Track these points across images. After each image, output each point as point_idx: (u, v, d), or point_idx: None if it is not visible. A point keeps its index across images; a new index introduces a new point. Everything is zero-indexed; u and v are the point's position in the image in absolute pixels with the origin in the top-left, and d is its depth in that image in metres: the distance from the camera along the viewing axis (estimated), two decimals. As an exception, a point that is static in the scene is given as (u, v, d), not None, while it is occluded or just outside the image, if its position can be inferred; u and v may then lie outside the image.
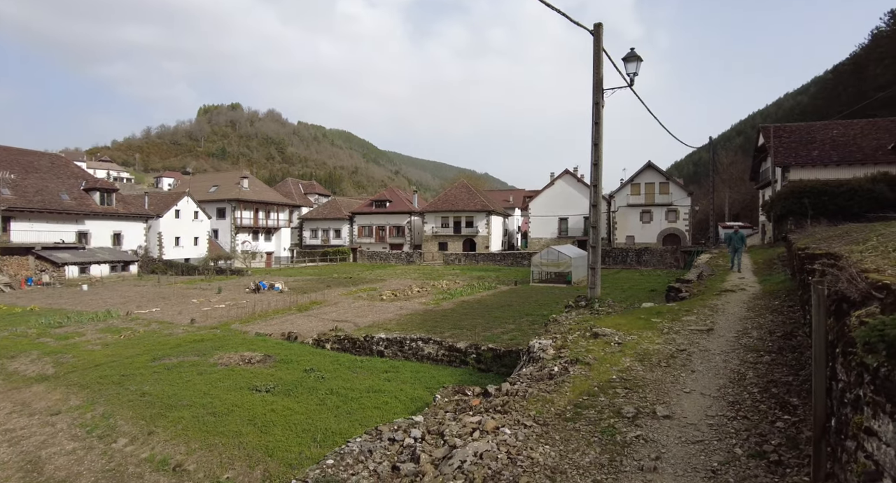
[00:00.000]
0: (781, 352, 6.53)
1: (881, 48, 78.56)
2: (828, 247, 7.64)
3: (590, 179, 12.71)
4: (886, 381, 1.93)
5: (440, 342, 14.90)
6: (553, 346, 7.54)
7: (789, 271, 16.22)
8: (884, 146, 34.27)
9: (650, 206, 53.26)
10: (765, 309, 9.84)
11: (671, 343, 7.24)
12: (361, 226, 66.76)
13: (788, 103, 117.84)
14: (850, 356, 2.35)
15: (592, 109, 12.43)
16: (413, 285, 32.67)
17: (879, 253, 4.51)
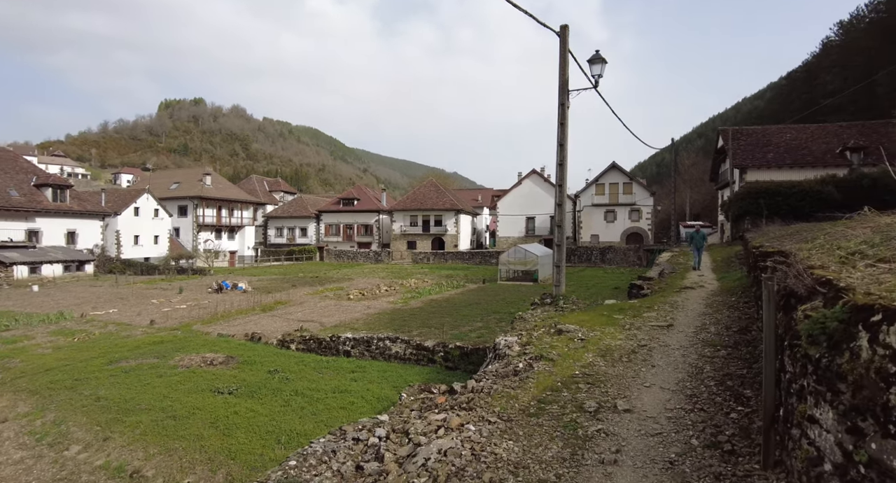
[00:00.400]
0: (737, 346, 6.76)
1: (831, 57, 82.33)
2: (780, 245, 7.97)
3: (555, 179, 12.88)
4: (827, 371, 2.02)
5: (408, 341, 14.86)
6: (518, 343, 7.61)
7: (746, 269, 16.85)
8: (832, 150, 35.94)
9: (614, 206, 54.41)
10: (722, 305, 10.17)
11: (632, 339, 7.41)
12: (328, 224, 65.96)
13: (746, 107, 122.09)
14: (796, 348, 2.45)
15: (558, 110, 12.60)
16: (381, 284, 32.48)
17: (825, 250, 4.71)
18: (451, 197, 60.84)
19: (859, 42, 76.01)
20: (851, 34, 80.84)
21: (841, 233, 6.10)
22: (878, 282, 2.82)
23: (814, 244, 6.00)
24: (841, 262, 3.60)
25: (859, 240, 4.64)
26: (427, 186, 64.12)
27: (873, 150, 34.01)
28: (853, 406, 1.80)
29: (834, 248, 4.75)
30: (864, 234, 4.79)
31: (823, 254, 4.53)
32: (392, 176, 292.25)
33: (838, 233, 5.96)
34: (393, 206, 62.50)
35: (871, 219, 6.27)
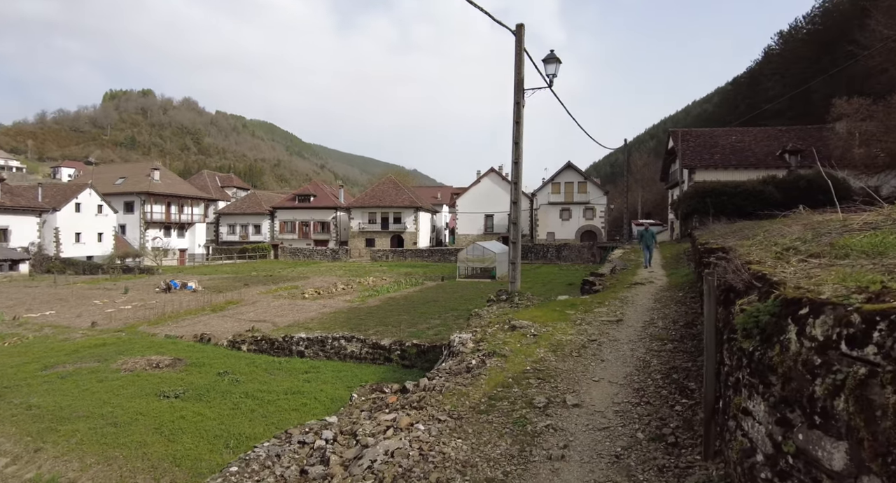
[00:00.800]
0: (683, 340, 6.96)
1: (772, 65, 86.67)
2: (723, 242, 8.26)
3: (510, 177, 12.96)
4: (760, 364, 2.06)
5: (363, 340, 14.66)
6: (472, 340, 7.60)
7: (693, 265, 17.50)
8: (773, 152, 37.82)
9: (569, 204, 55.51)
10: (670, 300, 10.49)
11: (583, 334, 7.52)
12: (283, 221, 64.46)
13: (696, 110, 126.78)
14: (733, 342, 2.50)
15: (514, 109, 12.68)
16: (338, 283, 32.00)
17: (763, 247, 4.88)
18: (410, 194, 60.58)
19: (797, 51, 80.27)
20: (790, 44, 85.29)
21: (778, 230, 6.36)
22: (809, 276, 2.91)
23: (754, 241, 6.23)
24: (777, 257, 3.72)
25: (794, 236, 4.83)
26: (386, 183, 63.62)
27: (809, 153, 35.95)
28: (782, 398, 1.84)
29: (771, 244, 4.93)
30: (798, 231, 4.99)
31: (762, 250, 4.69)
32: (350, 172, 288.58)
33: (776, 230, 6.21)
34: (351, 203, 61.68)
35: (805, 217, 6.57)
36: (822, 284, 2.09)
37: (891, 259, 2.61)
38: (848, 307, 1.60)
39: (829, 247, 3.51)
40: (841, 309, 1.62)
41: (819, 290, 1.94)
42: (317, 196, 64.41)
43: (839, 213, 5.96)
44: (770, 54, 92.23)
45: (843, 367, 1.53)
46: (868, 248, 3.09)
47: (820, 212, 6.79)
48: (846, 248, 3.27)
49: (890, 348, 1.38)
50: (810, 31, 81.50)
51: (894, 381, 1.32)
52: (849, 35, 57.03)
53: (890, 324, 1.41)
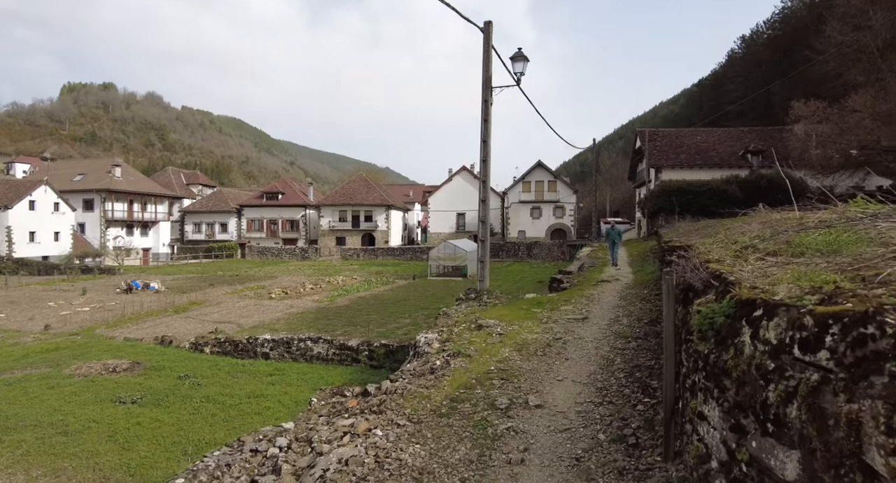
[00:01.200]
0: (647, 337, 7.00)
1: (735, 68, 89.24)
2: (686, 240, 8.35)
3: (479, 175, 12.88)
4: (714, 367, 2.00)
5: (330, 341, 14.39)
6: (438, 340, 7.48)
7: (658, 262, 17.81)
8: (736, 152, 38.87)
9: (540, 203, 55.98)
10: (635, 298, 10.58)
11: (549, 332, 7.49)
12: (251, 219, 63.13)
13: (663, 111, 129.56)
14: (690, 343, 2.45)
15: (481, 106, 12.60)
16: (306, 282, 31.45)
17: (723, 245, 4.90)
18: (381, 192, 60.10)
19: (758, 55, 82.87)
20: (752, 48, 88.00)
21: (738, 228, 6.43)
22: (766, 275, 2.88)
23: (715, 239, 6.29)
24: (736, 255, 3.71)
25: (753, 234, 4.87)
26: (357, 181, 62.94)
27: (770, 153, 37.11)
28: (736, 403, 1.78)
29: (730, 242, 4.95)
30: (757, 229, 5.03)
31: (722, 248, 4.70)
32: (321, 170, 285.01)
33: (736, 228, 6.28)
34: (321, 201, 60.80)
35: (764, 215, 6.67)
36: (777, 284, 2.04)
37: (844, 257, 2.59)
38: (801, 309, 1.54)
39: (786, 245, 3.51)
40: (794, 311, 1.55)
41: (773, 290, 1.88)
42: (285, 194, 63.28)
43: (796, 211, 6.06)
44: (733, 58, 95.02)
45: (795, 372, 1.46)
46: (823, 247, 3.09)
47: (778, 210, 6.91)
48: (801, 247, 3.27)
49: (843, 354, 1.31)
50: (770, 36, 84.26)
51: (847, 388, 1.26)
52: (806, 40, 59.19)
53: (843, 327, 1.34)
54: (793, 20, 78.02)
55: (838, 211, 4.51)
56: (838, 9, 38.95)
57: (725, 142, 40.87)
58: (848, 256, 2.67)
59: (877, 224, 3.01)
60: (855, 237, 3.09)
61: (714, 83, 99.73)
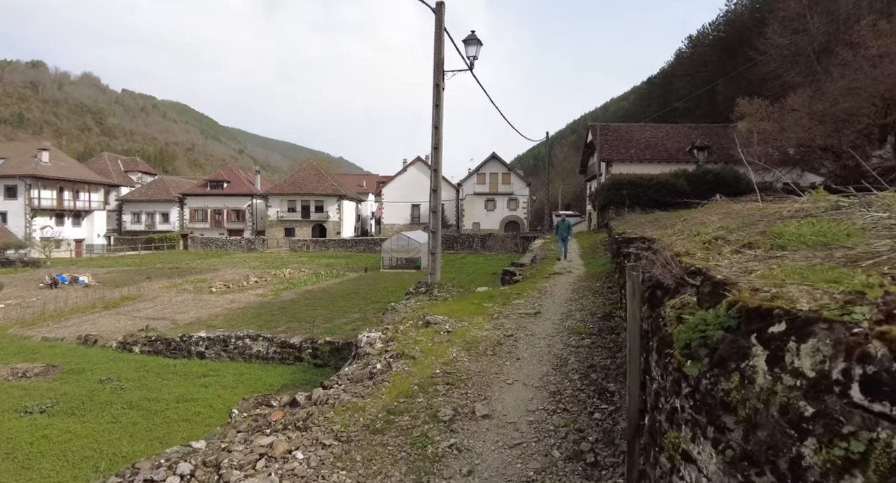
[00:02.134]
0: (601, 333, 6.64)
1: (683, 66, 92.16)
2: (642, 231, 8.07)
3: (430, 163, 12.29)
4: (709, 397, 1.52)
5: (271, 338, 13.52)
6: (381, 340, 6.89)
7: (610, 255, 17.80)
8: (683, 148, 39.91)
9: (494, 195, 55.97)
10: (588, 291, 10.30)
11: (500, 328, 7.03)
12: (194, 209, 60.12)
13: (614, 107, 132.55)
14: (668, 358, 1.98)
15: (433, 91, 12.00)
16: (251, 275, 30.02)
17: (686, 236, 4.52)
18: (333, 182, 58.41)
19: (704, 55, 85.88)
20: (699, 48, 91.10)
21: (697, 219, 6.13)
22: (748, 271, 2.45)
23: (674, 230, 5.95)
24: (705, 248, 3.29)
25: (717, 225, 4.51)
26: (307, 170, 60.93)
27: (715, 149, 38.37)
28: (746, 453, 1.30)
29: (693, 234, 4.57)
30: (718, 220, 4.68)
31: (685, 239, 4.32)
32: (272, 158, 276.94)
33: (695, 219, 5.97)
34: (268, 190, 58.52)
35: (723, 206, 6.40)
36: (783, 285, 1.58)
37: (844, 250, 2.17)
38: (853, 328, 1.06)
39: (762, 236, 3.12)
40: (842, 330, 1.08)
41: (787, 294, 1.41)
42: (231, 182, 60.57)
43: (759, 202, 5.80)
44: (681, 57, 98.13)
45: (858, 427, 0.98)
46: (810, 238, 2.68)
47: (739, 201, 6.67)
48: (782, 238, 2.87)
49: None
50: (715, 38, 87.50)
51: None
52: (748, 42, 61.73)
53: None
54: (736, 23, 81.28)
55: (811, 200, 4.20)
56: (779, 12, 40.61)
57: (673, 137, 41.91)
58: (845, 249, 2.26)
59: (869, 213, 2.64)
60: (844, 228, 2.71)
61: (663, 81, 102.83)
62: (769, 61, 39.48)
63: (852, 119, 23.56)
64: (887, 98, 22.58)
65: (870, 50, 23.80)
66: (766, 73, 42.95)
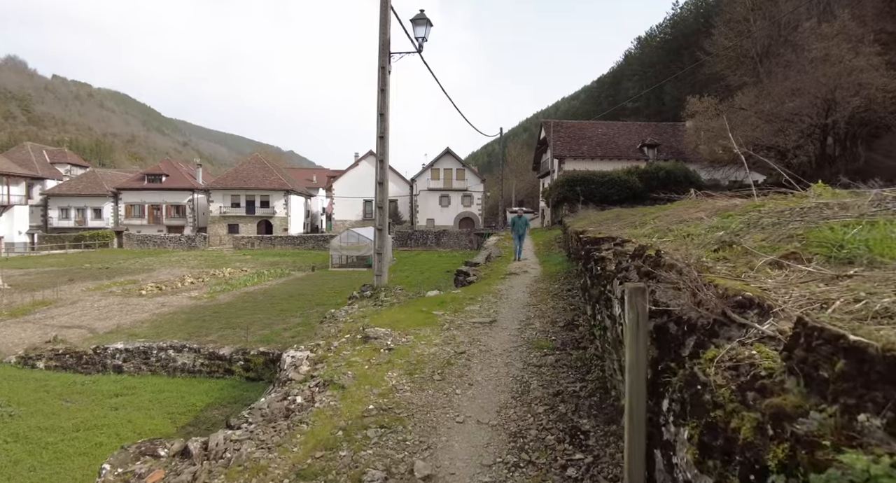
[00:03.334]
0: (565, 348, 5.80)
1: (632, 67, 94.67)
2: (608, 230, 7.30)
3: (376, 154, 11.21)
4: None
5: (198, 349, 12.09)
6: (309, 360, 5.81)
7: (566, 252, 17.23)
8: (633, 145, 40.28)
9: (448, 191, 55.19)
10: (546, 294, 9.53)
11: (450, 342, 6.09)
12: (130, 204, 56.31)
13: (565, 106, 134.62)
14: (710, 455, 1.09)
15: (378, 74, 10.91)
16: (187, 275, 27.93)
17: (675, 238, 3.70)
18: (280, 176, 55.94)
19: (652, 56, 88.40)
20: (646, 49, 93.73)
21: (674, 217, 5.37)
22: (822, 302, 1.58)
23: (648, 229, 5.16)
24: (721, 258, 2.43)
25: (710, 225, 3.71)
26: (252, 163, 58.13)
27: (665, 147, 38.93)
28: None
29: (683, 234, 3.75)
30: (713, 219, 3.88)
31: (675, 242, 3.49)
32: (218, 151, 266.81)
33: (674, 216, 5.21)
34: (210, 184, 55.45)
35: (701, 201, 5.67)
36: None
37: None
38: None
39: (799, 242, 2.28)
40: None
41: None
42: (170, 175, 57.07)
43: (739, 199, 5.09)
44: (630, 58, 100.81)
45: None
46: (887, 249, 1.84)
47: (709, 197, 5.95)
48: (835, 248, 2.03)
49: None
50: (662, 40, 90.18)
51: None
52: (693, 45, 63.63)
53: None
54: (682, 26, 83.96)
55: (815, 196, 3.44)
56: (725, 14, 41.61)
57: (624, 135, 42.31)
58: None
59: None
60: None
61: (612, 81, 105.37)
62: (715, 63, 40.42)
63: (796, 119, 24.09)
64: (829, 99, 23.16)
65: (812, 52, 24.38)
66: (712, 74, 44.03)
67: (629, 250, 3.41)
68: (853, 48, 22.84)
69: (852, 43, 23.09)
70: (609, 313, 3.85)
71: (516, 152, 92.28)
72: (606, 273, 3.59)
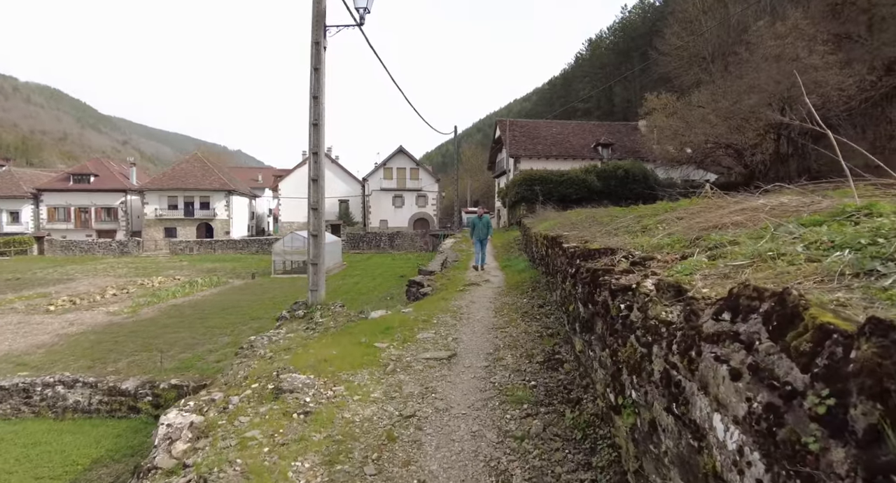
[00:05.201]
0: (552, 399, 4.28)
1: (583, 68, 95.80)
2: (591, 236, 5.83)
3: (308, 145, 9.42)
4: None
5: (95, 384, 9.93)
6: (194, 429, 4.05)
7: (528, 256, 15.91)
8: (588, 145, 39.80)
9: (402, 191, 53.39)
10: (514, 311, 8.04)
11: (395, 396, 4.46)
12: (53, 207, 51.46)
13: (517, 107, 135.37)
14: None
15: (311, 50, 9.15)
16: (110, 286, 24.99)
17: (736, 256, 2.21)
18: (220, 175, 52.43)
19: (602, 58, 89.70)
20: (597, 51, 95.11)
21: (695, 220, 3.92)
22: None
23: (659, 239, 3.70)
24: None
25: (785, 237, 2.26)
26: (191, 162, 54.31)
27: (619, 146, 38.60)
28: None
29: (750, 254, 2.27)
30: (738, 222, 2.41)
31: (759, 266, 2.02)
32: (161, 151, 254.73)
33: (688, 220, 3.76)
34: (145, 185, 51.38)
35: (720, 201, 4.26)
36: None
37: None
38: None
39: None
40: None
41: None
42: (99, 175, 52.59)
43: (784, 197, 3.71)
44: (580, 59, 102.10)
45: None
46: None
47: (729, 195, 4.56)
48: None
49: None
50: (612, 42, 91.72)
51: None
52: (642, 47, 64.53)
53: None
54: (631, 29, 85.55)
55: None
56: (678, 13, 41.79)
57: (578, 134, 41.82)
58: None
59: None
60: None
61: (564, 82, 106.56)
62: (668, 62, 40.50)
63: (753, 117, 23.83)
64: (785, 97, 22.95)
65: (768, 49, 24.16)
66: (662, 75, 44.25)
67: (698, 294, 1.90)
68: (807, 46, 22.70)
69: (805, 41, 22.96)
70: (646, 394, 2.33)
71: (471, 152, 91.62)
72: (652, 334, 2.06)
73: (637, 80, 66.14)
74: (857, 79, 21.06)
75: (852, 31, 27.79)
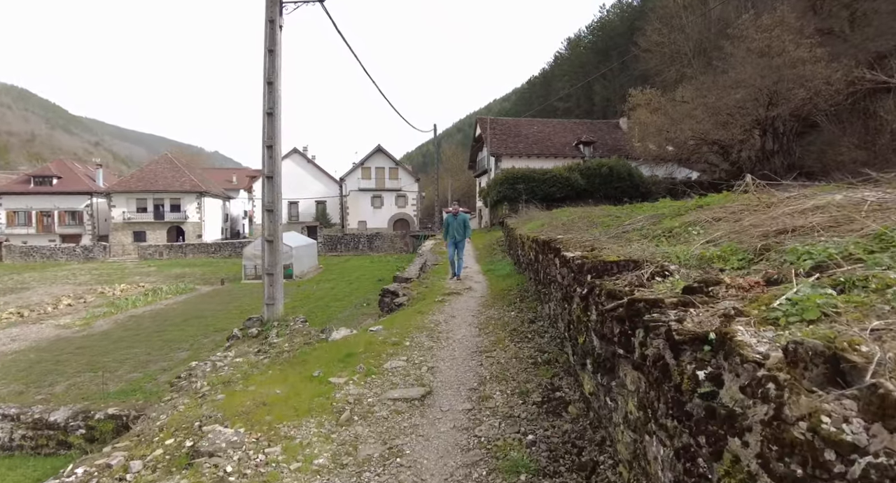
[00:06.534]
0: (558, 467, 3.20)
1: (562, 67, 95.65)
2: (595, 240, 4.76)
3: (262, 137, 8.22)
4: None
5: (17, 416, 8.58)
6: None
7: (512, 259, 14.90)
8: (570, 143, 39.10)
9: (381, 191, 52.09)
10: (500, 328, 6.98)
11: (346, 463, 3.35)
12: (13, 210, 48.92)
13: (497, 107, 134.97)
14: None
15: (265, 29, 7.96)
16: (67, 295, 23.28)
17: None
18: (192, 176, 50.39)
19: (581, 57, 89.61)
20: (576, 50, 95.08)
21: (738, 221, 2.88)
22: None
23: (697, 248, 2.65)
24: None
25: None
26: (161, 163, 52.12)
27: (600, 144, 37.97)
28: None
29: None
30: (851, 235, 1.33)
31: None
32: (135, 152, 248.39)
33: (729, 220, 2.72)
34: (112, 187, 49.11)
35: (770, 198, 3.23)
36: None
37: None
38: None
39: None
40: None
41: None
42: (63, 177, 50.17)
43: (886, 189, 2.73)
44: (560, 59, 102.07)
45: None
46: None
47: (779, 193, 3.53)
48: None
49: None
50: (591, 41, 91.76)
51: None
52: (621, 46, 64.27)
53: None
54: (609, 28, 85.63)
55: None
56: (658, 10, 41.32)
57: (560, 133, 41.09)
58: None
59: None
60: None
61: (543, 82, 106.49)
62: (649, 59, 39.99)
63: (739, 113, 23.24)
64: (772, 91, 22.39)
65: (753, 43, 23.58)
66: (643, 72, 43.76)
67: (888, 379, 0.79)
68: (794, 40, 22.14)
69: (792, 34, 22.41)
70: None
71: (451, 152, 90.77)
72: (802, 464, 1.02)
73: (617, 78, 65.91)
74: (844, 72, 20.52)
75: (834, 26, 27.47)
